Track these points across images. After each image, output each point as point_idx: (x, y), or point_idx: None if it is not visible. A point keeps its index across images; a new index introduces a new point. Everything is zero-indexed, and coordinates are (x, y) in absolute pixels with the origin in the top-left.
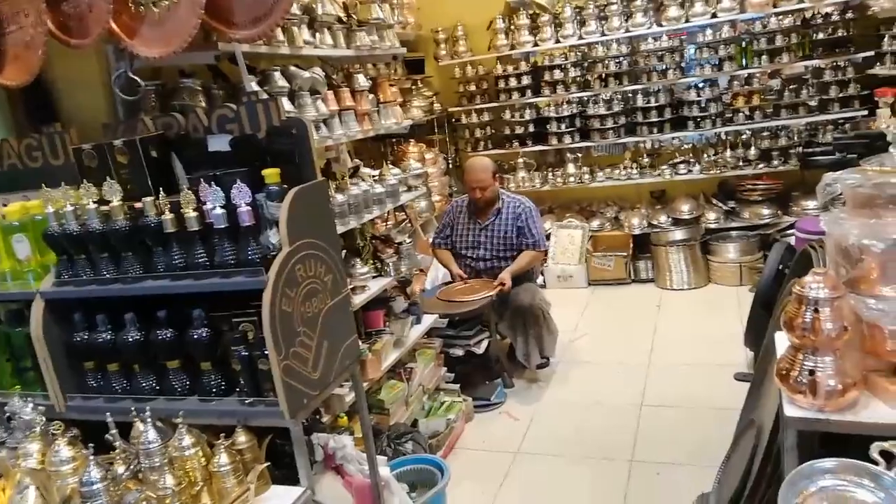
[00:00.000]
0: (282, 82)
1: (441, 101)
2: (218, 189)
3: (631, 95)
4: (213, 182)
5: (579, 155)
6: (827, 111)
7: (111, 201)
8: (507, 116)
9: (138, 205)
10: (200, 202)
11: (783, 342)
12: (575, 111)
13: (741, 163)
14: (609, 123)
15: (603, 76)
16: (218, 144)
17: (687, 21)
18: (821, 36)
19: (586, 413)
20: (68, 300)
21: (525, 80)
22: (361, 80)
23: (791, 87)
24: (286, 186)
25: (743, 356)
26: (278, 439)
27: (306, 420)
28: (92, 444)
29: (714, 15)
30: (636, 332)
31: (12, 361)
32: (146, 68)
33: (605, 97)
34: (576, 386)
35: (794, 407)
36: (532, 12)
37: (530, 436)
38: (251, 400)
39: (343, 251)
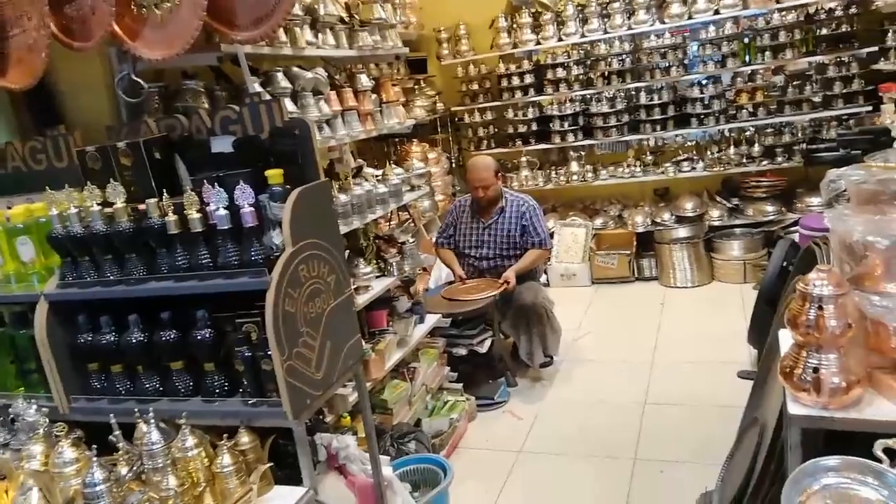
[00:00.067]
0: (284, 83)
1: (444, 101)
2: (221, 190)
3: (634, 93)
4: (217, 183)
5: (582, 153)
6: (831, 107)
7: (115, 203)
8: (510, 115)
9: (142, 206)
10: (204, 203)
11: (787, 340)
12: (578, 109)
13: (745, 160)
14: (612, 121)
15: (606, 74)
16: (221, 146)
17: (690, 18)
18: (824, 31)
19: (590, 411)
20: (72, 302)
21: (528, 79)
22: (364, 81)
23: (795, 84)
24: (289, 187)
25: (746, 354)
26: (281, 439)
27: (309, 420)
28: (95, 446)
29: (717, 11)
30: (640, 331)
31: (16, 363)
32: (149, 70)
33: (608, 95)
34: (579, 384)
35: (798, 404)
36: (534, 10)
37: (534, 435)
38: (254, 400)
39: (346, 251)
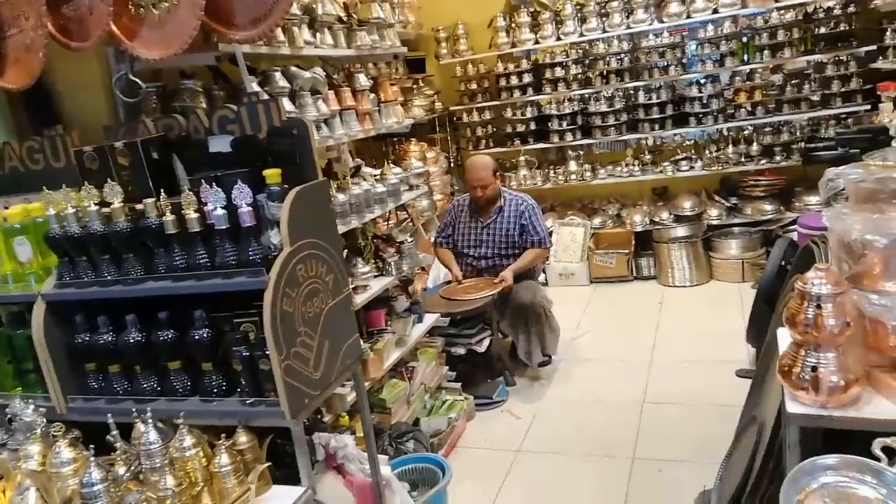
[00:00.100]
0: (282, 83)
1: (442, 100)
2: (219, 190)
3: (632, 92)
4: (215, 183)
5: (581, 152)
6: (829, 106)
7: (112, 203)
8: (509, 114)
9: (139, 206)
10: (201, 203)
11: (785, 338)
12: (576, 108)
13: (743, 159)
14: (610, 120)
15: (604, 73)
16: (219, 145)
17: (688, 17)
18: (823, 30)
19: (588, 411)
20: (70, 302)
21: (526, 78)
22: (362, 80)
23: (793, 82)
24: (287, 187)
25: (745, 353)
26: (279, 439)
27: (307, 420)
28: (93, 446)
29: (715, 10)
30: (638, 330)
31: (14, 363)
32: (147, 70)
33: (607, 94)
34: (577, 384)
35: (797, 403)
36: (533, 10)
37: (532, 434)
38: (252, 400)
39: (344, 251)
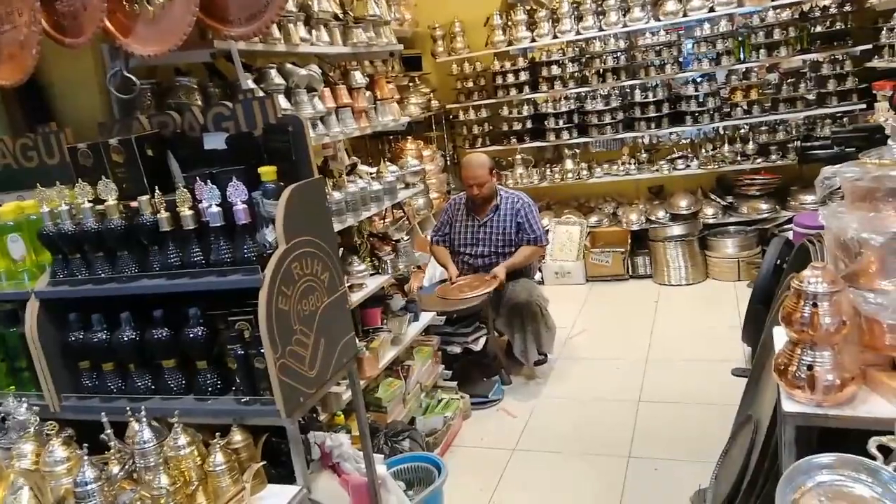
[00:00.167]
0: (278, 80)
1: (438, 98)
2: (214, 187)
3: (629, 91)
4: (210, 180)
5: (577, 151)
6: (825, 105)
7: (107, 200)
8: (505, 113)
9: (134, 204)
10: (196, 201)
11: (781, 337)
12: (573, 107)
13: (739, 157)
14: (607, 119)
15: (600, 71)
16: (214, 142)
17: (685, 15)
18: (819, 29)
19: (584, 409)
20: (63, 300)
21: (522, 76)
22: (358, 78)
23: (789, 81)
24: (283, 184)
25: (741, 352)
26: (274, 438)
27: (303, 418)
28: (87, 445)
29: (712, 9)
30: (634, 329)
31: (7, 361)
32: (141, 67)
33: (603, 92)
34: (574, 382)
35: (792, 402)
36: (529, 8)
37: (528, 432)
38: (247, 399)
39: (340, 249)
